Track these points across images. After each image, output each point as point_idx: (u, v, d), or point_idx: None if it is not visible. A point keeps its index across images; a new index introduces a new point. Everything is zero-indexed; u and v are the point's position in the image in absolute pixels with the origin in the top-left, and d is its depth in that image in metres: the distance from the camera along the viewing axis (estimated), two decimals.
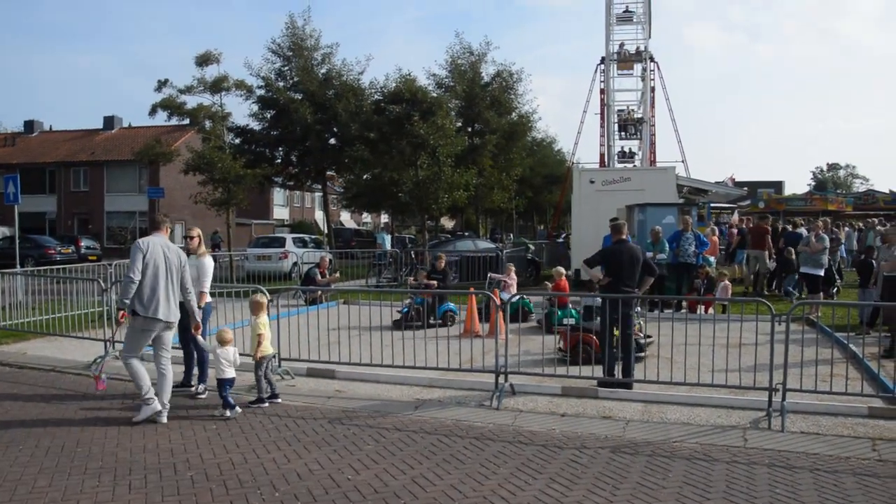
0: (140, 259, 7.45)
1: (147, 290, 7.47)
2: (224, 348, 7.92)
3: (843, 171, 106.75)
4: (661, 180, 21.16)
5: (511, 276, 15.12)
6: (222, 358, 7.85)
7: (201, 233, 9.16)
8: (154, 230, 7.98)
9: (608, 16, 38.91)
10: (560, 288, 13.82)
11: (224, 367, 7.83)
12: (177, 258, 7.82)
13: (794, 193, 62.35)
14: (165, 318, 7.61)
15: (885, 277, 11.56)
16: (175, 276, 7.75)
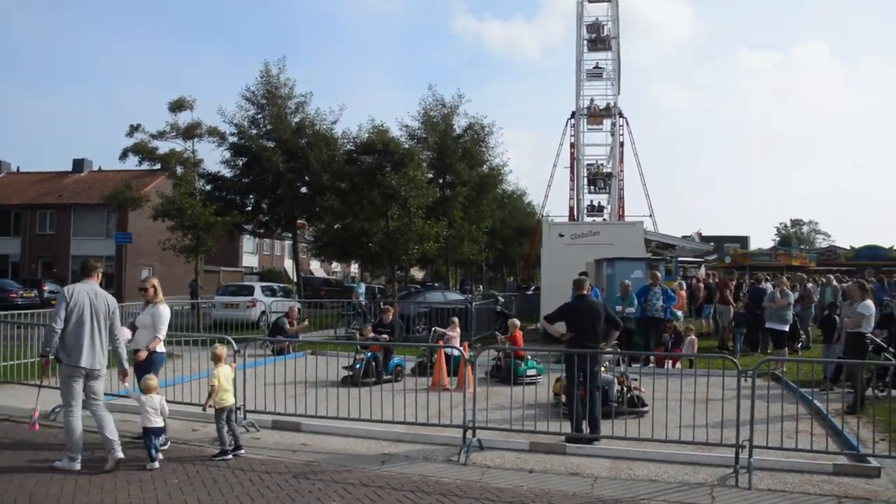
0: (63, 307, 7.39)
1: (71, 338, 7.40)
2: (149, 396, 7.77)
3: (807, 227, 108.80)
4: (629, 235, 21.41)
5: (455, 330, 14.84)
6: (148, 406, 7.69)
7: (157, 283, 8.94)
8: (85, 276, 7.88)
9: (579, 72, 39.77)
10: (515, 340, 13.91)
11: (150, 416, 7.67)
12: (105, 305, 7.70)
13: (759, 249, 63.28)
14: (89, 366, 7.48)
15: (847, 334, 11.72)
16: (102, 324, 7.64)
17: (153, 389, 7.88)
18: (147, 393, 7.81)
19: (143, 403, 7.73)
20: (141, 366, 8.34)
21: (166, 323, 8.67)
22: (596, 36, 40.64)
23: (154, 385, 7.94)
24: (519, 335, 14.19)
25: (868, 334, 11.64)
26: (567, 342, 9.26)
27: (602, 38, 40.58)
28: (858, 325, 11.39)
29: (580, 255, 19.85)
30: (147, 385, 7.88)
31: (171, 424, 8.75)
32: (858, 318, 11.40)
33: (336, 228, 32.11)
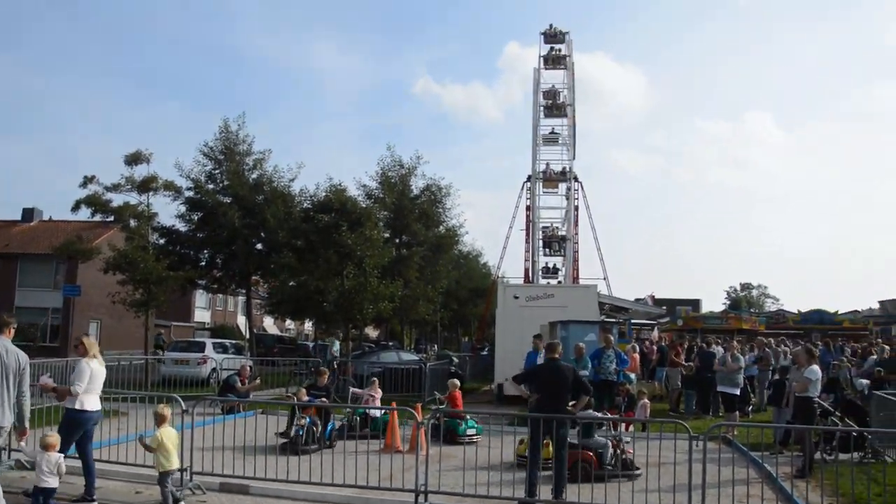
0: None
1: None
2: (47, 454, 7.42)
3: (756, 290, 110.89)
4: (583, 297, 21.63)
5: (376, 391, 14.56)
6: (44, 465, 7.35)
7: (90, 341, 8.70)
8: None
9: (535, 137, 40.55)
10: (454, 399, 13.89)
11: (44, 476, 7.34)
12: (15, 362, 7.55)
13: (710, 312, 64.32)
14: None
15: (796, 398, 11.90)
16: (12, 381, 7.47)
17: (52, 447, 7.47)
18: (46, 450, 7.42)
19: (38, 462, 7.38)
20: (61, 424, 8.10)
21: (83, 378, 8.29)
22: (552, 102, 41.57)
23: (53, 442, 7.52)
24: (458, 395, 14.24)
25: (816, 399, 11.84)
26: (534, 404, 9.27)
27: (558, 105, 41.52)
28: (806, 389, 11.58)
29: (535, 316, 19.96)
30: (46, 442, 7.49)
31: (114, 487, 8.46)
32: (805, 383, 11.59)
33: (291, 286, 31.83)
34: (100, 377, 8.57)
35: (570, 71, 41.74)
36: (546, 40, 42.66)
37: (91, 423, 8.51)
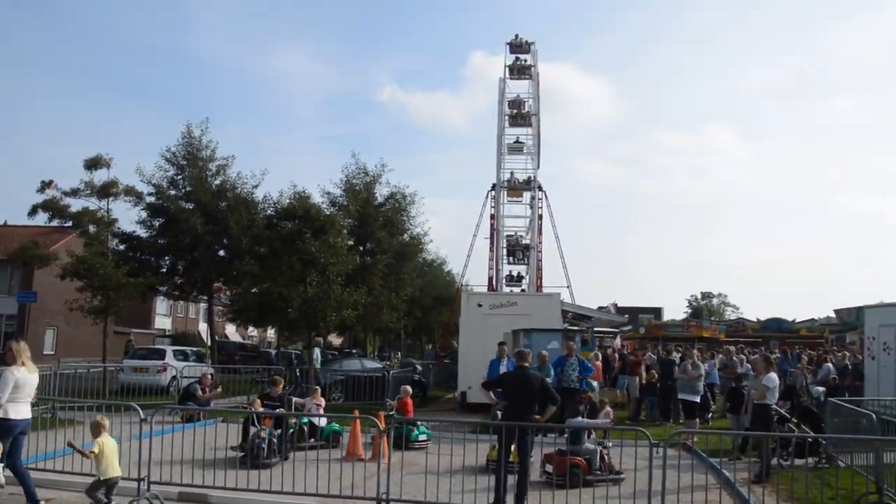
0: None
1: None
2: None
3: (716, 299, 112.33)
4: (546, 306, 21.72)
5: (318, 399, 14.32)
6: None
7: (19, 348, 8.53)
8: None
9: (500, 146, 40.72)
10: (404, 405, 13.92)
11: None
12: None
13: (672, 320, 65.13)
14: None
15: (754, 405, 12.10)
16: None
17: None
18: None
19: None
20: None
21: (5, 388, 8.17)
22: (517, 112, 41.79)
23: None
24: (409, 402, 14.29)
25: (773, 406, 12.06)
26: (502, 411, 9.31)
27: (523, 115, 41.74)
28: (763, 396, 11.78)
29: (498, 325, 20.00)
30: None
31: (68, 497, 8.30)
32: (763, 391, 11.80)
33: (253, 293, 31.58)
34: (28, 385, 8.35)
35: (535, 81, 42.00)
36: (511, 50, 42.91)
37: (17, 431, 8.28)
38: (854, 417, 11.88)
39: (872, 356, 19.65)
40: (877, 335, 19.45)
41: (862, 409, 12.00)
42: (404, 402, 14.18)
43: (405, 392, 14.51)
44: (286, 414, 12.97)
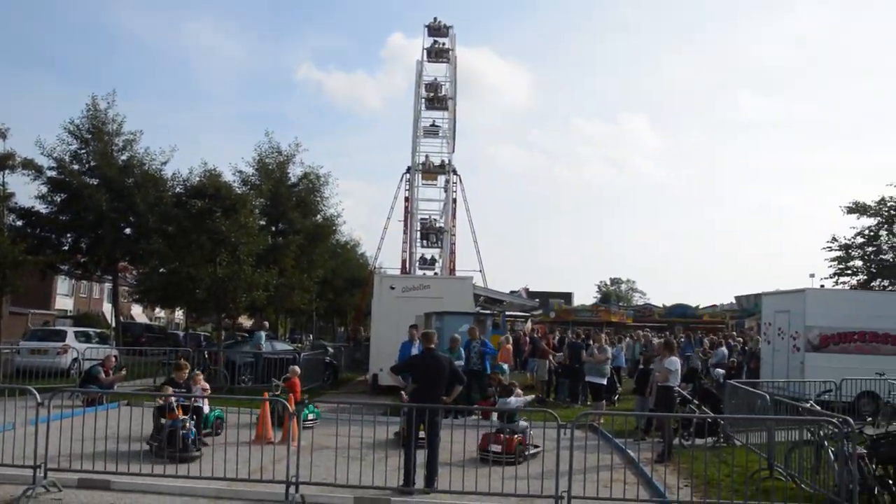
0: None
1: None
2: None
3: (625, 285, 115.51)
4: (459, 289, 21.88)
5: (201, 383, 13.53)
6: None
7: None
8: None
9: (416, 129, 40.63)
10: (292, 385, 13.93)
11: None
12: None
13: (582, 305, 66.56)
14: None
15: (657, 387, 12.51)
16: None
17: None
18: None
19: None
20: None
21: None
22: (434, 95, 41.73)
23: None
24: (297, 382, 14.19)
25: (676, 388, 12.50)
26: (410, 393, 9.33)
27: (439, 98, 41.71)
28: (666, 379, 12.19)
29: (411, 307, 20.05)
30: None
31: None
32: (666, 373, 12.21)
33: (161, 273, 30.67)
34: None
35: (452, 65, 42.01)
36: (430, 33, 42.77)
37: None
38: (750, 399, 12.43)
39: (768, 341, 20.58)
40: (772, 321, 20.38)
41: (757, 390, 12.53)
42: (292, 383, 14.02)
43: (293, 372, 14.33)
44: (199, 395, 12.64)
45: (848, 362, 17.69)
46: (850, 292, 29.32)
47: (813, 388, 15.27)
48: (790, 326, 19.12)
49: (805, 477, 9.20)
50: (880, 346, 18.37)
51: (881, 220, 36.16)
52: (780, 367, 19.26)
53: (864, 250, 36.93)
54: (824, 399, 13.38)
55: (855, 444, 7.96)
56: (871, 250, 36.69)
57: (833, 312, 18.66)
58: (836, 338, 18.37)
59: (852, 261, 37.31)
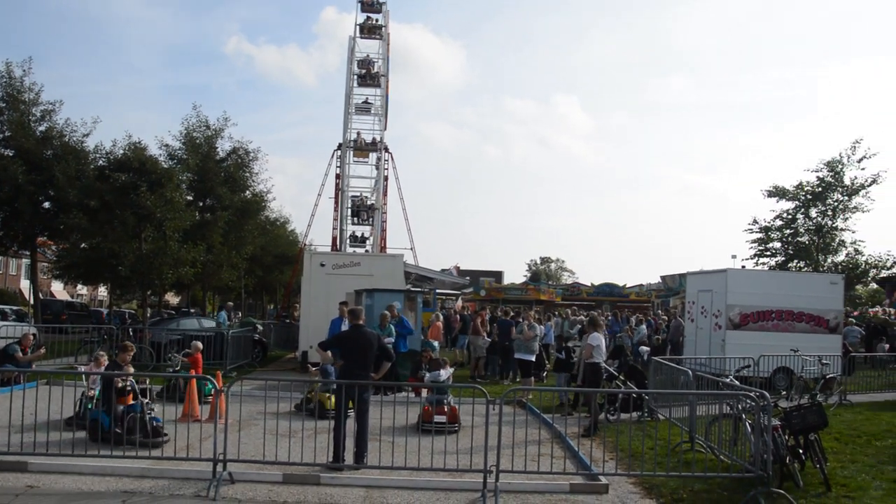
0: None
1: None
2: None
3: (554, 264, 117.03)
4: (389, 267, 21.84)
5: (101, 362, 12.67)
6: None
7: None
8: None
9: (347, 105, 40.20)
10: (195, 362, 13.76)
11: None
12: None
13: (512, 283, 67.15)
14: None
15: (584, 363, 12.74)
16: None
17: None
18: None
19: None
20: None
21: None
22: (366, 72, 41.30)
23: None
24: (199, 357, 13.96)
25: (602, 364, 12.75)
26: (338, 370, 9.28)
27: (372, 75, 41.31)
28: (591, 355, 12.43)
29: (341, 285, 19.96)
30: None
31: None
32: (590, 349, 12.45)
33: (83, 248, 29.75)
34: None
35: (385, 42, 41.60)
36: (363, 9, 42.22)
37: None
38: (673, 375, 12.77)
39: (692, 319, 21.15)
40: (696, 300, 20.95)
41: (680, 367, 12.88)
42: (195, 359, 13.76)
43: (195, 348, 14.06)
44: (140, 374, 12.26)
45: (765, 339, 18.35)
46: (769, 273, 30.36)
47: (733, 364, 15.79)
48: (712, 305, 19.68)
49: (724, 448, 9.52)
50: (795, 324, 19.10)
51: (798, 204, 37.48)
52: (702, 344, 19.84)
53: (782, 233, 38.24)
54: (743, 374, 13.85)
55: (770, 417, 8.27)
56: (788, 233, 38.02)
57: (752, 292, 19.28)
58: (755, 316, 19.00)
59: (771, 242, 38.62)
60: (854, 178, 36.04)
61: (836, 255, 37.19)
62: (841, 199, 36.61)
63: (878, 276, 40.20)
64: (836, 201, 36.66)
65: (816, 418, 8.75)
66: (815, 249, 36.77)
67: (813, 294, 19.49)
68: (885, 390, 17.50)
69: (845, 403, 15.92)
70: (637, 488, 8.53)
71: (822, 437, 9.15)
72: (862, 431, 12.44)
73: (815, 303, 19.29)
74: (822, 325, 19.23)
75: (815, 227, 37.02)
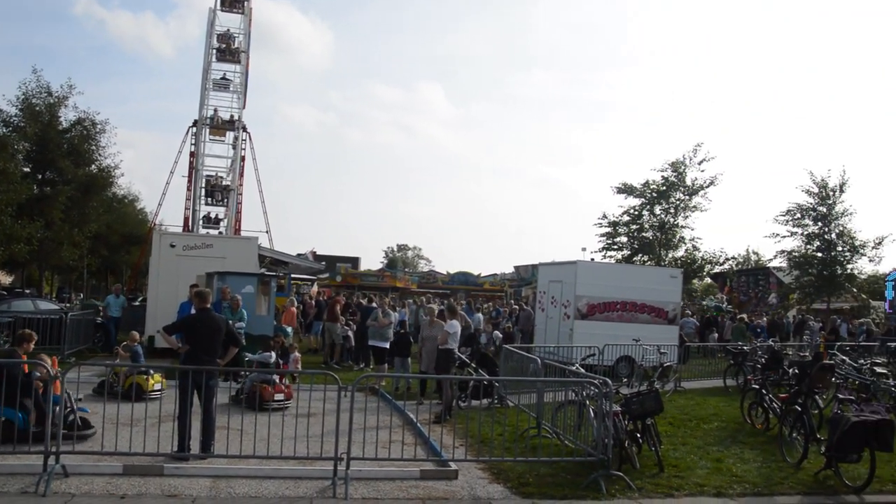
0: None
1: None
2: None
3: (412, 251, 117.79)
4: (243, 249, 21.27)
5: None
6: None
7: None
8: None
9: (205, 80, 38.81)
10: None
11: None
12: None
13: (368, 270, 67.06)
14: None
15: (438, 350, 12.86)
16: None
17: None
18: None
19: None
20: None
21: None
22: (226, 47, 39.96)
23: None
24: None
25: (455, 351, 12.94)
26: (183, 355, 8.89)
27: (232, 50, 40.03)
28: (445, 342, 12.60)
29: (192, 267, 19.24)
30: None
31: None
32: (444, 336, 12.62)
33: None
34: None
35: (247, 16, 40.39)
36: None
37: None
38: (523, 363, 13.15)
39: (542, 308, 21.85)
40: (547, 290, 21.65)
41: (530, 355, 13.26)
42: None
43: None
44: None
45: (610, 329, 19.24)
46: (615, 266, 31.85)
47: (579, 352, 16.43)
48: (562, 295, 20.39)
49: (568, 434, 9.90)
50: (638, 314, 20.12)
51: (644, 202, 39.60)
52: (552, 333, 20.53)
53: (629, 228, 40.29)
54: (588, 363, 14.43)
55: (612, 403, 8.69)
56: (635, 228, 40.09)
57: (599, 283, 20.12)
58: (602, 307, 19.86)
59: (619, 237, 40.60)
60: (695, 179, 38.48)
61: (677, 251, 39.63)
62: (682, 199, 38.99)
63: (712, 272, 43.23)
64: (678, 200, 38.99)
65: (653, 404, 9.28)
66: (657, 245, 38.99)
67: (654, 287, 20.61)
68: (714, 377, 18.75)
69: (679, 390, 16.95)
70: (486, 473, 8.72)
71: (657, 422, 9.70)
72: (693, 416, 13.30)
73: (656, 295, 20.41)
74: (662, 316, 20.37)
75: (659, 224, 39.22)
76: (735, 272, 47.96)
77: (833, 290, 36.43)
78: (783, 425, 10.51)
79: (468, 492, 8.02)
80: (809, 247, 36.64)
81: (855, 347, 20.11)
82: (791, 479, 9.05)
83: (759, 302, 44.33)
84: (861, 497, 8.50)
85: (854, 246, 35.64)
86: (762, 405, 12.07)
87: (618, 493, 8.13)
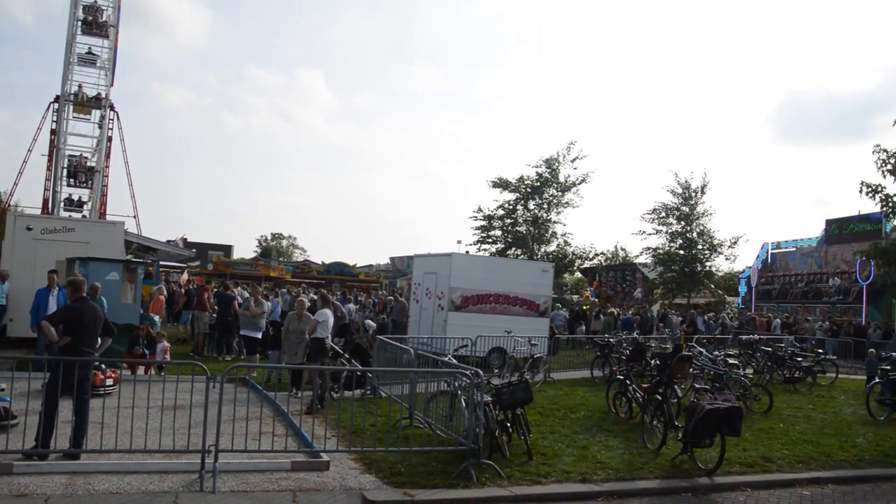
0: None
1: None
2: None
3: (286, 241, 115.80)
4: (108, 234, 20.29)
5: None
6: None
7: None
8: None
9: (69, 54, 36.79)
10: None
11: None
12: None
13: (241, 258, 65.60)
14: None
15: (311, 339, 12.72)
16: None
17: None
18: None
19: None
20: None
21: None
22: (93, 19, 37.99)
23: None
24: None
25: (327, 340, 12.84)
26: (62, 347, 8.36)
27: (100, 24, 38.08)
28: (315, 330, 12.50)
29: (51, 252, 18.19)
30: None
31: None
32: (314, 324, 12.52)
33: None
34: None
35: None
36: None
37: None
38: (397, 353, 13.21)
39: (417, 300, 22.00)
40: (421, 281, 21.81)
41: (403, 346, 13.34)
42: None
43: None
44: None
45: (484, 321, 19.60)
46: (489, 258, 32.45)
47: (452, 343, 16.62)
48: (437, 287, 20.59)
49: (440, 424, 10.04)
50: (510, 307, 20.58)
51: (519, 196, 40.52)
52: (426, 324, 20.70)
53: (503, 221, 41.14)
54: (461, 354, 14.62)
55: (483, 394, 8.87)
56: (509, 222, 40.98)
57: (474, 276, 20.44)
58: (475, 299, 20.20)
59: (493, 230, 41.38)
60: (567, 176, 39.72)
61: (549, 245, 40.81)
62: (555, 195, 40.16)
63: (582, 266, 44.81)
64: (551, 196, 40.14)
65: (523, 394, 9.54)
66: (531, 239, 40.01)
67: (527, 280, 21.13)
68: (582, 368, 19.45)
69: (549, 380, 17.49)
70: (358, 464, 8.73)
71: (527, 412, 9.98)
72: (561, 405, 13.75)
73: (528, 288, 20.93)
74: (534, 308, 20.93)
75: (533, 219, 40.24)
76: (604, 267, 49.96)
77: (693, 286, 38.59)
78: (645, 413, 11.08)
79: (339, 482, 8.00)
80: (672, 244, 38.71)
81: (711, 340, 21.36)
82: (651, 465, 9.52)
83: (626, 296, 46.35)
84: (712, 479, 9.06)
85: (713, 245, 37.93)
86: (626, 395, 12.65)
87: (488, 482, 8.31)
